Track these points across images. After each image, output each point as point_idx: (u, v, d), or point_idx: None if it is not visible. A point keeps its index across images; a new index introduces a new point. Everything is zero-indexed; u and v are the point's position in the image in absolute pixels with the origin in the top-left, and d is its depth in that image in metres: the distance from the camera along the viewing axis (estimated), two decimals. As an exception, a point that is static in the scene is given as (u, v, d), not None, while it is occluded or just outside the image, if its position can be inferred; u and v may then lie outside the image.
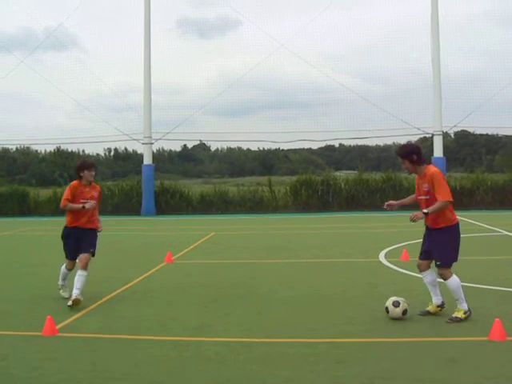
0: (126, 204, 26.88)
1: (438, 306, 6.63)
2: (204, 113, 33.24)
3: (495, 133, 36.67)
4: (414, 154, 6.60)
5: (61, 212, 29.34)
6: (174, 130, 27.60)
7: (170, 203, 26.83)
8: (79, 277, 7.55)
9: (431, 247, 6.58)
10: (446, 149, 26.65)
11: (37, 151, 59.90)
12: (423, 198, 6.57)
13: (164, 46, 29.34)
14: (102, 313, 7.19)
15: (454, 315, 6.31)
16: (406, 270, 9.51)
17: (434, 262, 6.56)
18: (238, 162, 70.91)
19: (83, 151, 58.08)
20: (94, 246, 7.88)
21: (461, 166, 49.75)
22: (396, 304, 6.42)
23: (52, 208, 27.34)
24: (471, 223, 18.16)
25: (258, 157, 69.97)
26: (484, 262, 10.62)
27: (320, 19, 29.10)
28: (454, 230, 6.58)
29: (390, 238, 13.67)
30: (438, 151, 25.05)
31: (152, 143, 27.08)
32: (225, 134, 29.24)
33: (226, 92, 28.44)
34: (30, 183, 40.04)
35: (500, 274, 9.36)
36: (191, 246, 13.74)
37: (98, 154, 64.81)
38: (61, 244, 8.00)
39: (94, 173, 7.92)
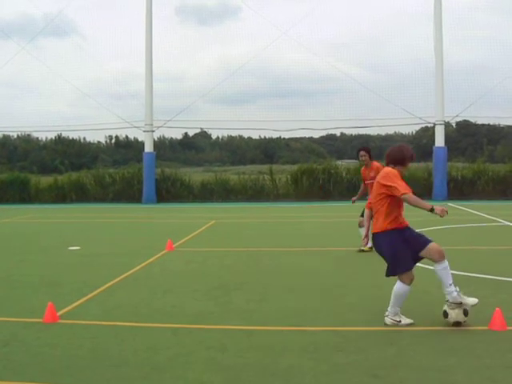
0: (126, 192, 26.90)
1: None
2: (205, 101, 33.27)
3: (497, 123, 36.69)
4: (370, 151, 10.30)
5: (61, 199, 29.13)
6: (175, 117, 27.57)
7: (170, 191, 26.85)
8: None
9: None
10: (448, 138, 26.60)
11: (38, 138, 59.83)
12: (370, 181, 9.40)
13: (163, 33, 29.25)
14: (103, 300, 7.20)
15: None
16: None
17: None
18: (239, 150, 70.79)
19: (84, 139, 58.18)
20: None
21: (462, 155, 49.57)
22: (456, 324, 5.80)
23: (52, 195, 27.39)
24: (472, 213, 18.15)
25: (260, 145, 69.83)
26: (484, 252, 10.62)
27: (322, 7, 29.00)
28: None
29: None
30: (439, 141, 25.00)
31: (153, 131, 27.04)
32: (226, 122, 29.19)
33: (227, 80, 28.37)
34: (31, 170, 40.00)
35: (499, 263, 9.36)
36: (192, 234, 13.74)
37: (99, 142, 64.91)
38: (61, 231, 7.99)
39: None
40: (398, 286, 5.91)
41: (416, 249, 5.90)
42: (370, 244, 10.05)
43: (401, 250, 5.86)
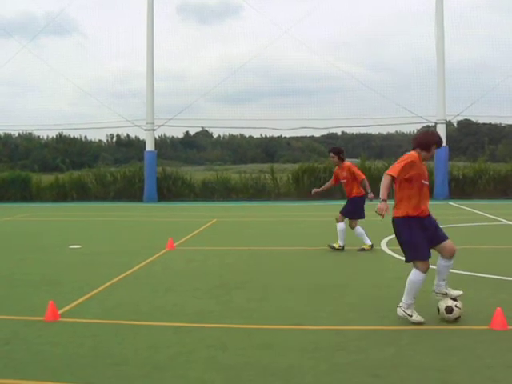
0: (128, 190, 26.93)
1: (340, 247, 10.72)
2: (206, 99, 33.27)
3: (498, 122, 36.62)
4: (342, 152, 10.97)
5: (62, 198, 29.21)
6: (176, 116, 27.60)
7: (172, 190, 26.87)
8: None
9: (348, 208, 10.89)
10: (449, 138, 26.60)
11: (39, 137, 59.87)
12: (343, 181, 10.85)
13: (164, 31, 29.30)
14: (104, 298, 7.20)
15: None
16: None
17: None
18: (240, 149, 70.73)
19: (85, 137, 58.21)
20: None
21: (463, 155, 49.56)
22: (449, 310, 5.90)
23: (54, 194, 27.42)
24: (473, 212, 18.15)
25: (261, 144, 69.76)
26: (485, 252, 10.62)
27: (323, 6, 28.99)
28: (362, 198, 10.86)
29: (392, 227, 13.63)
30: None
31: (154, 129, 27.05)
32: (227, 121, 29.25)
33: (228, 79, 28.39)
34: (32, 169, 40.02)
35: (500, 263, 9.35)
36: (193, 233, 13.75)
37: (100, 140, 64.91)
38: (62, 229, 8.01)
39: None
40: (413, 274, 5.90)
41: (433, 241, 5.93)
42: (369, 242, 10.27)
43: (418, 238, 5.85)
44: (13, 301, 7.14)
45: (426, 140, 6.09)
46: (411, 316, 5.84)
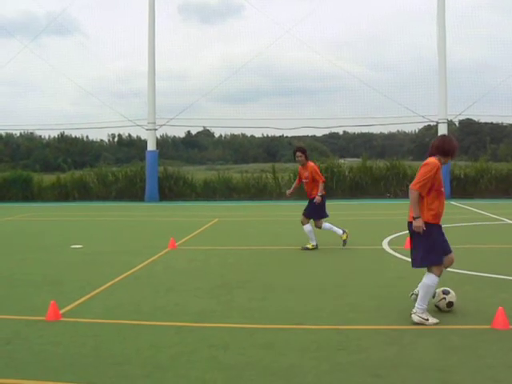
0: (129, 190, 26.94)
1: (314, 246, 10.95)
2: (208, 99, 33.26)
3: (500, 121, 36.55)
4: (306, 152, 11.25)
5: (63, 198, 29.26)
6: (177, 116, 27.61)
7: (173, 189, 26.88)
8: None
9: (310, 209, 11.18)
10: (451, 137, 26.53)
11: (40, 137, 60.00)
12: (305, 180, 11.14)
13: (166, 31, 29.34)
14: (105, 298, 7.21)
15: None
16: (409, 257, 9.47)
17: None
18: (241, 148, 70.76)
19: (87, 137, 58.28)
20: None
21: (465, 154, 49.52)
22: (445, 292, 6.25)
23: (55, 194, 27.44)
24: (475, 212, 18.14)
25: (262, 143, 69.79)
26: (487, 251, 10.60)
27: (325, 5, 28.97)
28: (323, 198, 11.03)
29: (394, 226, 13.64)
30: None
31: (156, 129, 27.07)
32: (229, 121, 29.31)
33: (230, 78, 28.40)
34: (34, 169, 40.09)
35: (502, 262, 9.34)
36: (195, 232, 13.75)
37: (101, 140, 65.03)
38: (63, 229, 8.02)
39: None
40: (430, 279, 5.91)
41: (444, 250, 6.05)
42: (314, 242, 11.11)
43: (437, 243, 5.94)
44: (14, 300, 7.15)
45: (449, 147, 6.09)
46: (427, 320, 5.83)
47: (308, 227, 11.09)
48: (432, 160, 6.05)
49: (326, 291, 7.46)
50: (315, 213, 11.11)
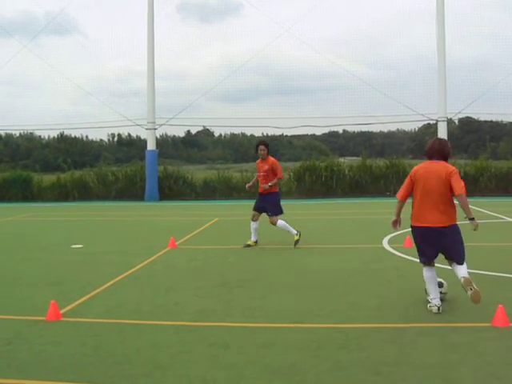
0: (129, 190, 26.92)
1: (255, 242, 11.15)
2: (207, 98, 33.29)
3: (500, 119, 36.57)
4: (268, 146, 11.36)
5: (63, 198, 29.28)
6: (177, 115, 27.59)
7: (173, 189, 26.85)
8: None
9: (264, 205, 11.05)
10: (450, 135, 26.55)
11: (40, 137, 60.01)
12: (262, 174, 11.01)
13: (165, 30, 29.33)
14: (106, 297, 7.21)
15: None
16: (409, 256, 9.50)
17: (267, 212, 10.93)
18: (241, 147, 70.66)
19: (87, 137, 58.26)
20: None
21: (465, 152, 49.51)
22: (440, 284, 6.56)
23: (55, 194, 27.41)
24: (474, 210, 18.12)
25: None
26: (487, 249, 10.60)
27: (324, 4, 28.97)
28: (278, 194, 11.19)
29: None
30: (442, 137, 24.96)
31: (155, 129, 27.04)
32: (228, 120, 29.35)
33: (229, 77, 28.38)
34: (34, 169, 40.06)
35: (502, 260, 9.35)
36: (195, 232, 13.75)
37: (101, 140, 65.03)
38: (63, 229, 8.02)
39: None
40: (465, 268, 6.51)
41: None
42: (254, 238, 11.30)
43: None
44: (15, 300, 7.15)
45: (449, 150, 6.55)
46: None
47: (255, 224, 11.24)
48: (452, 166, 6.44)
49: (326, 290, 7.46)
50: (273, 209, 11.10)
